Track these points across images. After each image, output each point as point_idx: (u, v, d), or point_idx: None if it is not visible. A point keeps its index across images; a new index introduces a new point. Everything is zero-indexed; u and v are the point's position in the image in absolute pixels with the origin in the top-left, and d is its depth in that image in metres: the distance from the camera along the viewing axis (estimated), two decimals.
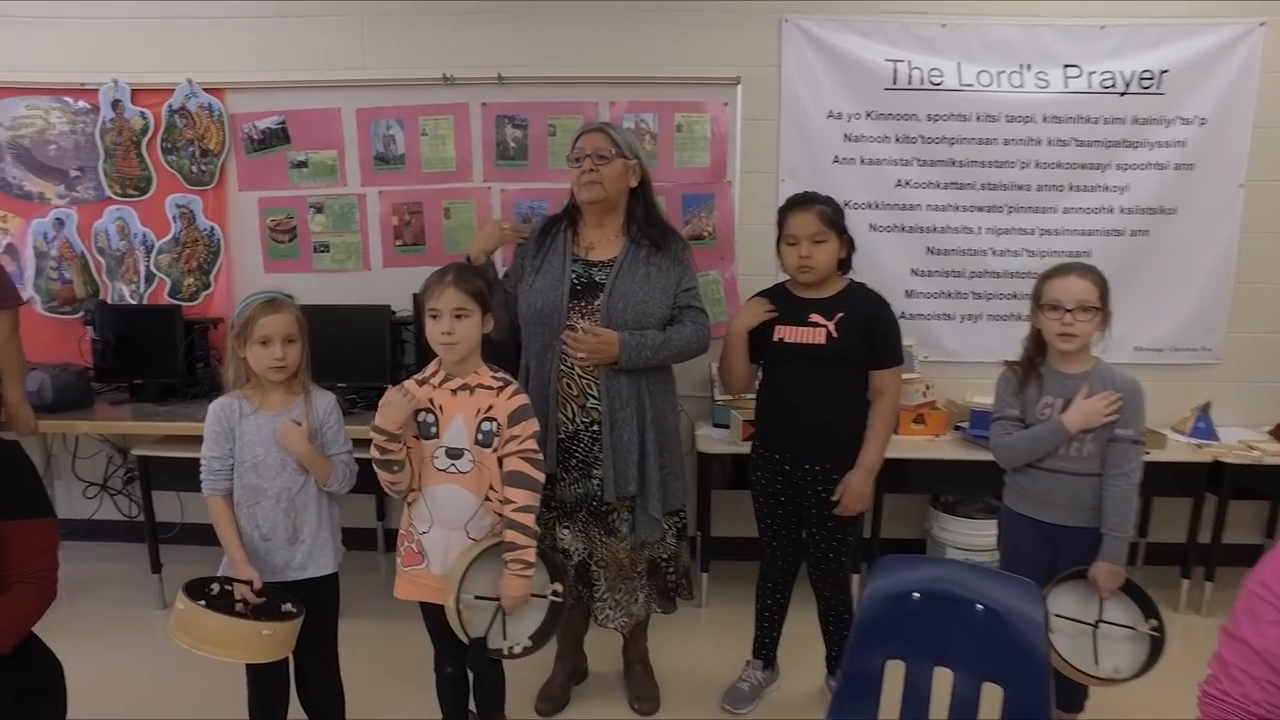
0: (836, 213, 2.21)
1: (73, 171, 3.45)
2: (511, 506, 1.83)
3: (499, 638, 1.87)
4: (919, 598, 1.43)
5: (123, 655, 2.76)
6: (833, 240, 2.18)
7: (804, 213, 2.18)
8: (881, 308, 2.23)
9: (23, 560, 1.56)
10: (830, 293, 2.23)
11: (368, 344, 3.15)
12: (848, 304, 2.20)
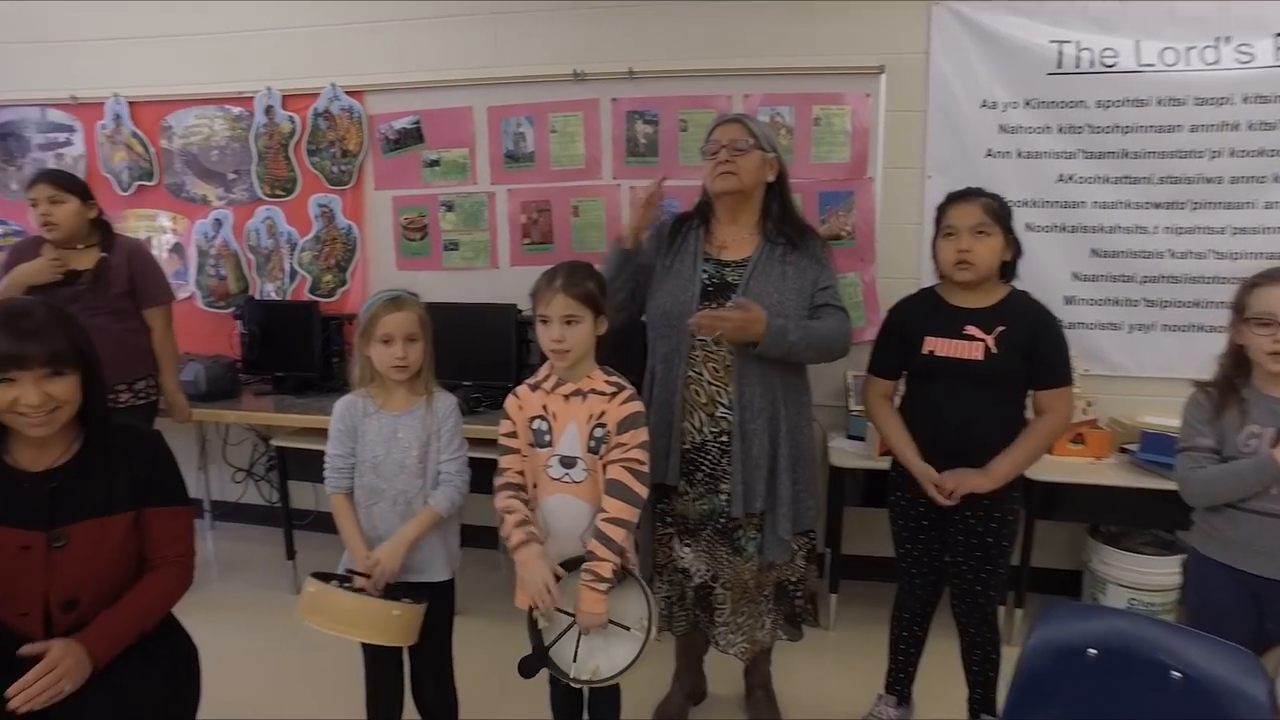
0: (1003, 209, 1.98)
1: (230, 175, 3.65)
2: (603, 515, 1.73)
3: (568, 657, 1.75)
4: (1096, 654, 1.22)
5: (256, 635, 2.87)
6: (997, 236, 1.95)
7: (967, 204, 1.97)
8: (1049, 321, 1.98)
9: (165, 545, 1.60)
10: (989, 301, 1.99)
11: (493, 342, 3.15)
12: (1010, 315, 1.96)
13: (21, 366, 1.38)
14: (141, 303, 2.89)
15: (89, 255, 2.78)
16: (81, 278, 2.74)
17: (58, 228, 2.71)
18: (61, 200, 2.70)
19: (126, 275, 2.82)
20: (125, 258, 2.84)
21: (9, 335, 1.38)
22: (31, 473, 1.48)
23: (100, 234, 2.82)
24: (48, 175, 2.77)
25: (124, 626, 1.51)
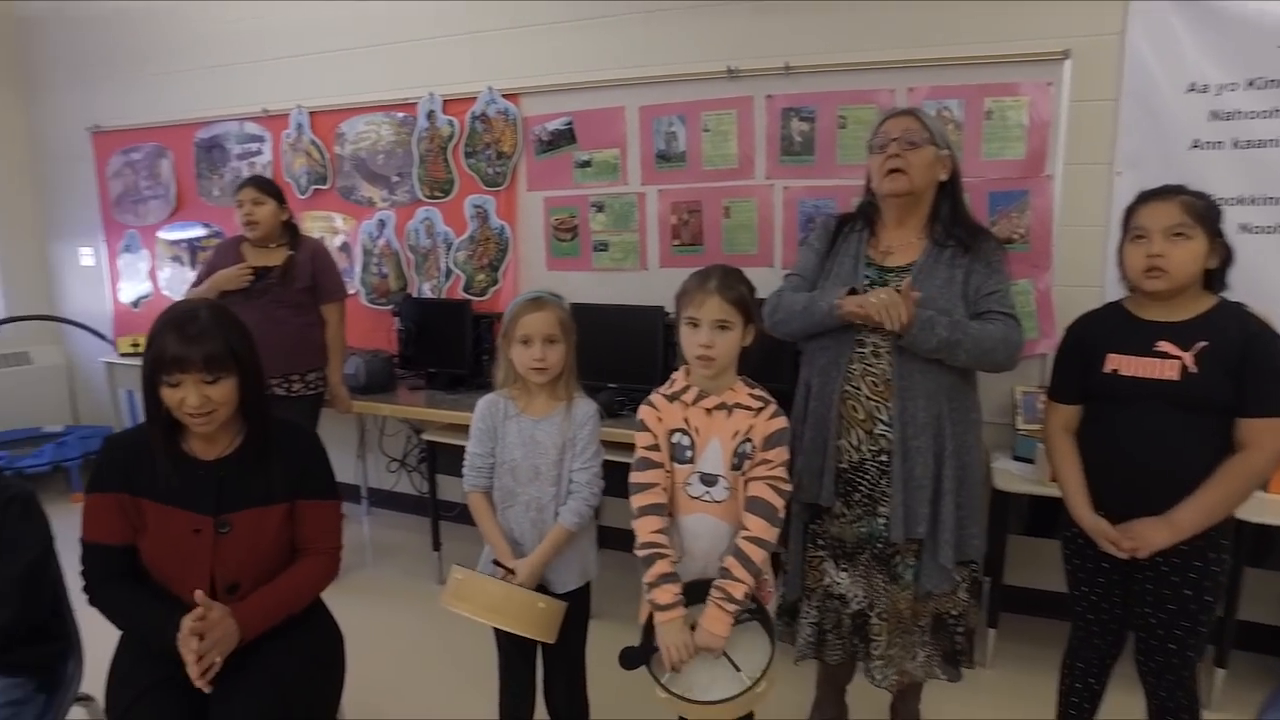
0: (1209, 209, 1.70)
1: (394, 177, 3.82)
2: (744, 534, 1.62)
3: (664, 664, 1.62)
4: None
5: (400, 621, 2.96)
6: (1198, 239, 1.67)
7: (1162, 202, 1.70)
8: (1265, 337, 1.66)
9: (315, 536, 1.66)
10: (1189, 314, 1.71)
11: (640, 345, 3.11)
12: (1215, 329, 1.67)
13: (184, 370, 1.46)
14: (320, 298, 3.15)
15: (279, 253, 3.06)
16: (271, 273, 3.02)
17: (258, 226, 3.00)
18: (263, 202, 3.00)
19: (309, 272, 3.08)
20: (309, 256, 3.11)
21: (176, 339, 1.46)
22: (204, 461, 1.57)
23: (289, 235, 3.10)
24: (254, 180, 3.06)
25: (273, 606, 1.57)
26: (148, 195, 4.57)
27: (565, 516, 1.82)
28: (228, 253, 3.09)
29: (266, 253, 3.07)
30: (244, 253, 3.07)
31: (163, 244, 4.57)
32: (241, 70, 4.16)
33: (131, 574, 1.57)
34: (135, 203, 4.62)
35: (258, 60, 4.10)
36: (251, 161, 4.16)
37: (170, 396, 1.47)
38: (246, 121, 4.16)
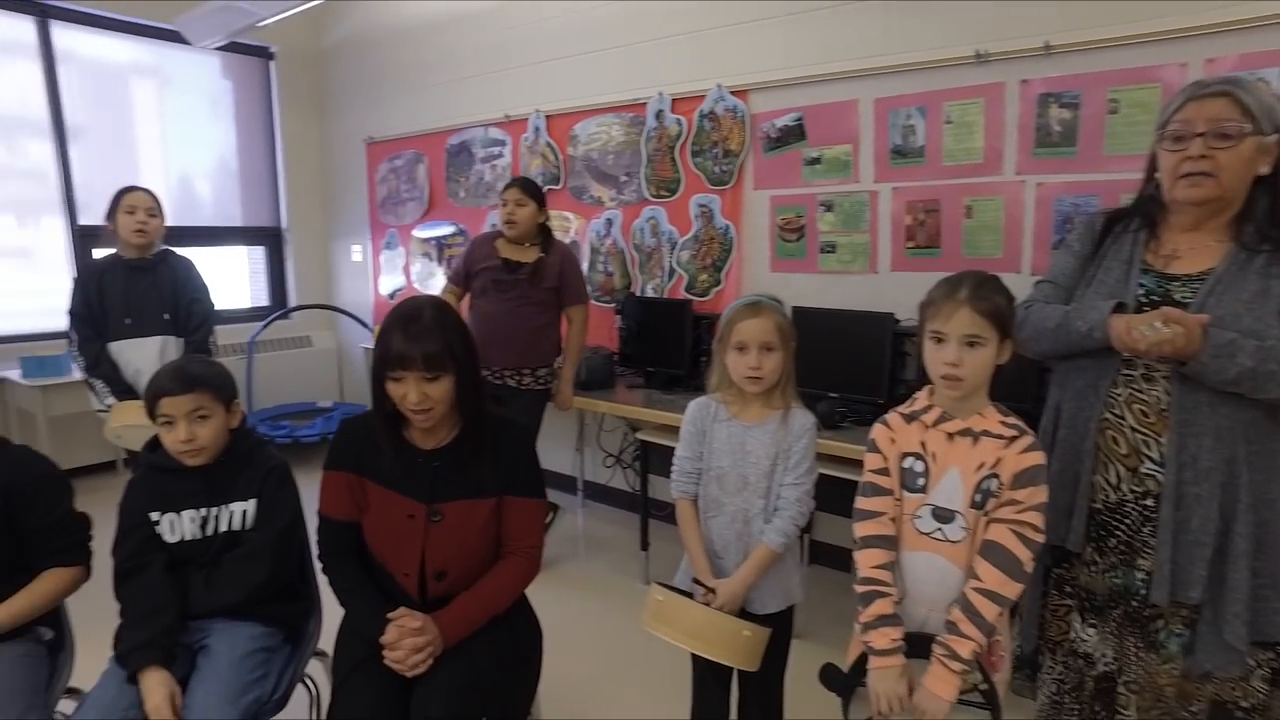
0: None
1: (622, 177, 3.89)
2: (975, 584, 1.40)
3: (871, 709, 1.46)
4: None
5: (602, 618, 2.98)
6: None
7: None
8: None
9: (518, 534, 1.68)
10: None
11: (866, 353, 2.91)
12: None
13: (406, 367, 1.52)
14: (565, 299, 3.28)
15: (531, 252, 3.22)
16: (521, 270, 3.17)
17: (517, 226, 3.16)
18: (525, 204, 3.16)
19: (558, 273, 3.22)
20: (559, 259, 3.25)
21: (401, 336, 1.52)
22: (422, 450, 1.64)
23: (542, 236, 3.24)
24: (520, 181, 3.23)
25: (475, 612, 1.61)
26: (406, 197, 5.03)
27: (770, 536, 1.71)
28: (483, 246, 3.29)
29: (520, 250, 3.23)
30: (498, 247, 3.25)
31: (416, 241, 5.01)
32: (487, 80, 4.44)
33: (358, 550, 1.67)
34: (395, 204, 5.11)
35: (501, 70, 4.36)
36: (493, 164, 4.43)
37: (394, 390, 1.55)
38: (490, 127, 4.43)
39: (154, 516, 1.69)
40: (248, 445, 1.79)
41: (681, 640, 1.64)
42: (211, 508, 1.71)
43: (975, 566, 1.42)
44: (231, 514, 1.72)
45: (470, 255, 3.31)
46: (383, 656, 1.51)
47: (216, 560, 1.71)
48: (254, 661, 1.62)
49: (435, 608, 1.59)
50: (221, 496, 1.72)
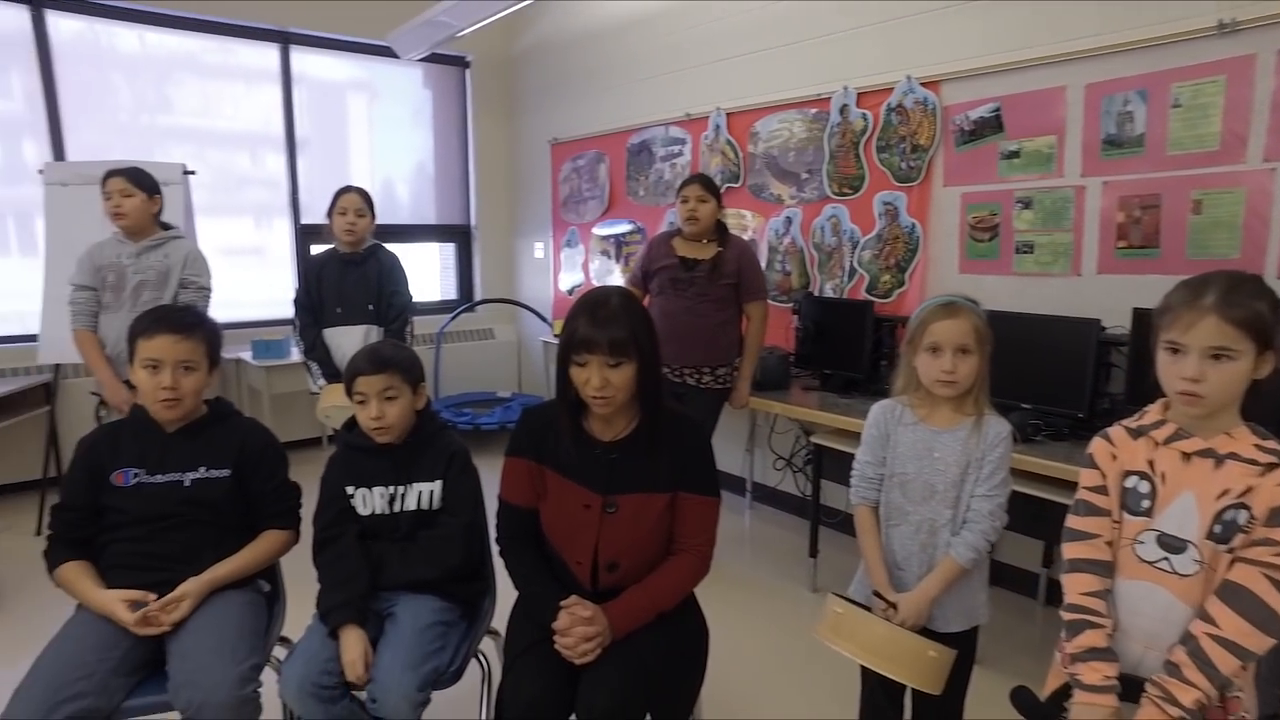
0: None
1: (803, 174, 3.80)
2: (1210, 629, 1.21)
3: None
4: None
5: (766, 622, 2.91)
6: None
7: None
8: None
9: (690, 531, 1.67)
10: None
11: (1066, 363, 2.66)
12: None
13: (591, 351, 1.54)
14: (744, 296, 3.26)
15: (709, 249, 3.23)
16: (700, 266, 3.19)
17: (698, 222, 3.18)
18: (706, 200, 3.19)
19: (735, 269, 3.21)
20: (737, 254, 3.24)
21: (588, 320, 1.55)
22: (600, 441, 1.66)
23: (719, 233, 3.25)
24: (700, 178, 3.25)
25: (645, 606, 1.61)
26: (587, 196, 5.18)
27: (959, 550, 1.60)
28: (660, 245, 3.33)
29: (698, 247, 3.24)
30: (675, 245, 3.27)
31: (595, 239, 5.15)
32: (667, 79, 4.48)
33: (535, 536, 1.72)
34: (577, 203, 5.28)
35: (682, 69, 4.39)
36: (673, 163, 4.47)
37: (577, 375, 1.58)
38: (671, 126, 4.48)
39: (349, 490, 1.83)
40: (432, 428, 1.90)
41: (861, 656, 1.57)
42: (399, 486, 1.83)
43: (1211, 609, 1.23)
44: (419, 493, 1.83)
45: (648, 255, 3.35)
46: (553, 641, 1.55)
47: (411, 536, 1.82)
48: (434, 633, 1.71)
49: (605, 598, 1.61)
50: (407, 476, 1.83)
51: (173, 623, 1.65)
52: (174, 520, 1.75)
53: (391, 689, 1.57)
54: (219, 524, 1.80)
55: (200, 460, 1.80)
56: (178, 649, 1.63)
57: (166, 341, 1.74)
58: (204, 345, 1.80)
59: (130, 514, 1.75)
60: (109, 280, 2.88)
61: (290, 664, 1.65)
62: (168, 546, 1.74)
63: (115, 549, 1.75)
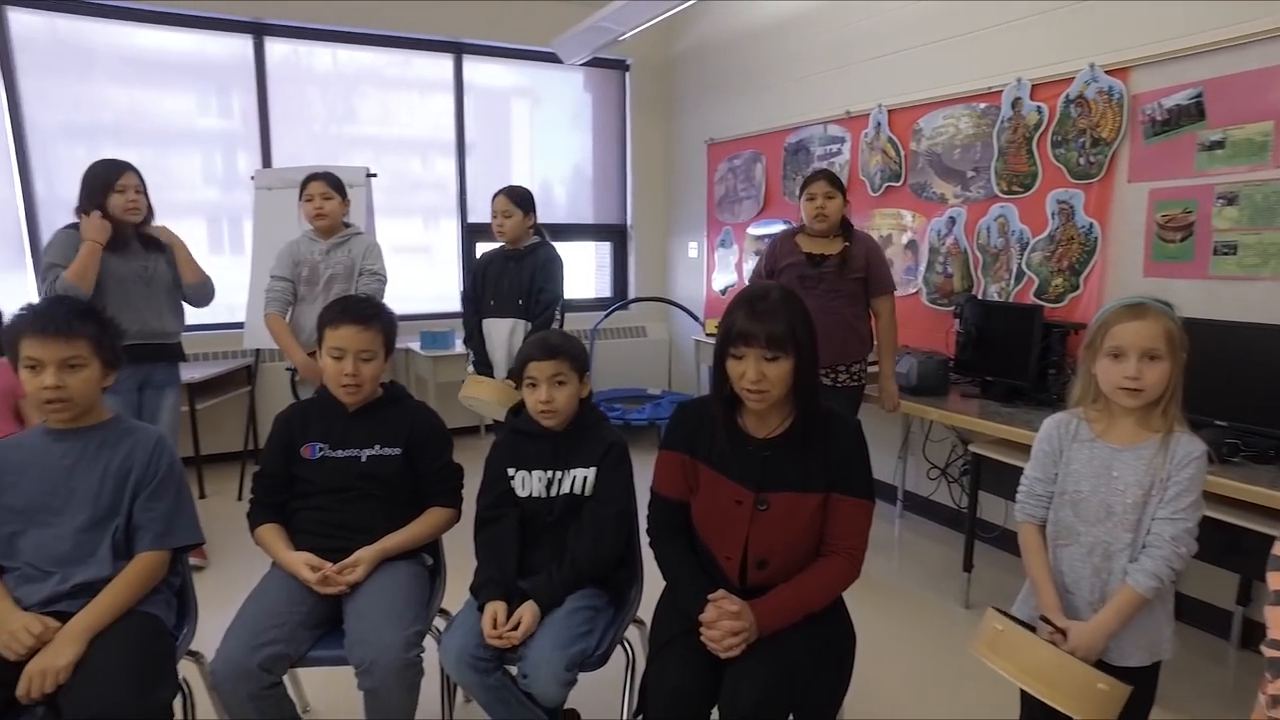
0: None
1: (969, 172, 3.62)
2: None
3: None
4: None
5: (915, 635, 2.79)
6: None
7: None
8: None
9: (842, 534, 1.64)
10: None
11: (1270, 377, 2.40)
12: None
13: (748, 344, 1.55)
14: (872, 290, 3.19)
15: (835, 244, 3.17)
16: (828, 262, 3.15)
17: (828, 219, 3.14)
18: (834, 196, 3.15)
19: (864, 264, 3.14)
20: (864, 248, 3.17)
21: (746, 314, 1.56)
22: (754, 438, 1.66)
23: (844, 228, 3.19)
24: (826, 174, 3.20)
25: (792, 605, 1.59)
26: (742, 196, 5.17)
27: (1138, 578, 1.48)
28: (784, 243, 3.28)
29: (824, 242, 3.19)
30: (799, 243, 3.22)
31: (749, 239, 5.13)
32: (827, 77, 4.40)
33: (685, 529, 1.75)
34: (732, 203, 5.28)
35: (842, 66, 4.29)
36: (831, 161, 4.38)
37: (733, 369, 1.58)
38: (830, 124, 4.39)
39: (511, 472, 1.93)
40: (592, 418, 1.97)
41: (1021, 679, 1.47)
42: (557, 470, 1.91)
43: None
44: (574, 478, 1.90)
45: (772, 254, 3.30)
46: (699, 634, 1.57)
47: (563, 520, 1.90)
48: (582, 617, 1.78)
49: (752, 595, 1.61)
50: (565, 461, 1.91)
51: (349, 583, 1.81)
52: (352, 492, 1.92)
53: (541, 666, 1.64)
54: (390, 498, 1.95)
55: (376, 439, 1.96)
56: (353, 609, 1.78)
57: (349, 332, 1.90)
58: (381, 335, 1.96)
59: (315, 484, 1.93)
60: (304, 274, 3.19)
61: (450, 634, 1.76)
62: (346, 516, 1.91)
63: (303, 515, 1.94)
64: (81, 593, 1.64)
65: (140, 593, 1.68)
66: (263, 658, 1.65)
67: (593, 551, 1.84)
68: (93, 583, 1.65)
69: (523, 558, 1.88)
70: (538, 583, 1.80)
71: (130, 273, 2.99)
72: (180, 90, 4.74)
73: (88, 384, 1.69)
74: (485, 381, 3.23)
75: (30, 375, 1.65)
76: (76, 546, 1.67)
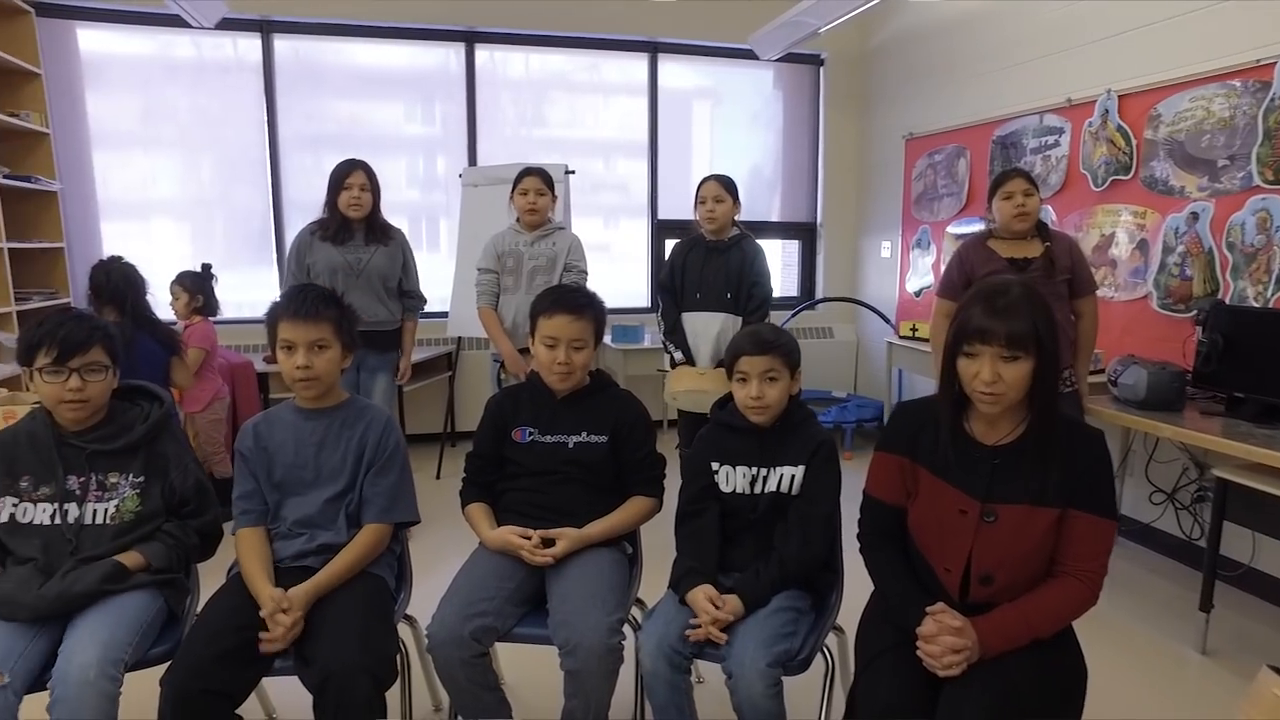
0: None
1: (1220, 161, 3.21)
2: None
3: None
4: None
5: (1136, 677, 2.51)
6: None
7: None
8: None
9: (1079, 555, 1.50)
10: None
11: None
12: None
13: (985, 341, 1.44)
14: (1076, 290, 3.03)
15: (1034, 245, 3.01)
16: (1033, 265, 2.97)
17: (1027, 218, 2.97)
18: (1032, 193, 2.98)
19: (1069, 264, 2.98)
20: (1066, 246, 3.02)
21: (984, 310, 1.44)
22: (982, 444, 1.54)
23: (1038, 228, 3.03)
24: (1022, 171, 3.03)
25: (1019, 627, 1.47)
26: (943, 193, 4.89)
27: None
28: (977, 250, 3.08)
29: (1024, 245, 3.00)
30: (994, 248, 3.04)
31: (949, 238, 4.84)
32: (1046, 63, 4.06)
33: (899, 535, 1.66)
34: (931, 200, 5.01)
35: (1064, 49, 3.94)
36: (1046, 155, 4.05)
37: (966, 368, 1.48)
38: (1046, 114, 4.05)
39: (714, 466, 1.91)
40: (801, 415, 1.92)
41: None
42: (762, 467, 1.87)
43: None
44: (780, 476, 1.86)
45: (965, 263, 3.09)
46: (914, 647, 1.48)
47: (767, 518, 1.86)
48: (786, 618, 1.73)
49: (972, 612, 1.49)
50: (772, 459, 1.87)
51: (554, 556, 1.86)
52: (558, 476, 1.98)
53: (746, 664, 1.61)
54: (595, 484, 1.99)
55: (583, 426, 2.01)
56: (557, 590, 1.83)
57: (563, 321, 1.96)
58: (592, 325, 2.00)
59: (524, 466, 2.01)
60: (508, 265, 3.34)
61: (651, 623, 1.77)
62: (552, 499, 1.97)
63: (511, 496, 2.02)
64: (324, 551, 1.84)
65: (367, 561, 1.85)
66: (473, 628, 1.74)
67: (801, 552, 1.79)
68: (333, 545, 1.84)
69: (723, 555, 1.86)
70: (743, 579, 1.78)
71: (343, 263, 3.29)
72: (391, 100, 5.18)
73: (331, 364, 1.86)
74: (706, 372, 3.21)
75: (285, 356, 1.85)
76: (320, 514, 1.87)
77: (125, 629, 1.65)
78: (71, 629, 1.64)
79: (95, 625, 1.63)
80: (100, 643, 1.58)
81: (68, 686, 1.52)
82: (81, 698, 1.52)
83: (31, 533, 1.75)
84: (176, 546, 1.82)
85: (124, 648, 1.62)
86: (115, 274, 3.14)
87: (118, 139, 4.78)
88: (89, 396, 1.76)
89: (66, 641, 1.61)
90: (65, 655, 1.57)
